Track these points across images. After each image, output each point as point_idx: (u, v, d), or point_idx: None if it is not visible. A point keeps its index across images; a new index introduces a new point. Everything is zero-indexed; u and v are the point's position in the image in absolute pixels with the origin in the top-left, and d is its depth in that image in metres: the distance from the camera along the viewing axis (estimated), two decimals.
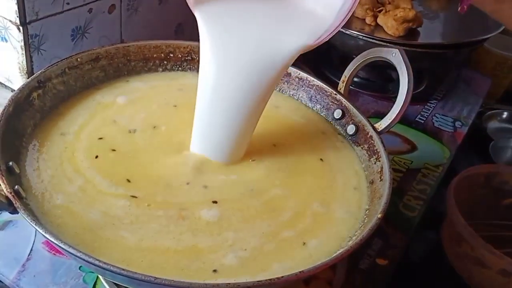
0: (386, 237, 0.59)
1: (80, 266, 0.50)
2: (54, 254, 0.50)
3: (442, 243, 0.62)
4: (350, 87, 0.84)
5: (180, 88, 0.58)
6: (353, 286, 0.53)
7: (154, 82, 0.59)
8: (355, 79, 0.87)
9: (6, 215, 0.53)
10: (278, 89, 0.60)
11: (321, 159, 0.52)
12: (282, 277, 0.36)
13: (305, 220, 0.45)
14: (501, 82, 1.00)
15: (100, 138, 0.50)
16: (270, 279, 0.35)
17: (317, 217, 0.46)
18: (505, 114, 0.93)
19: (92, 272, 0.49)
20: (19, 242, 0.51)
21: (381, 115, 0.53)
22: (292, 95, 0.60)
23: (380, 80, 0.87)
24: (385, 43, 0.75)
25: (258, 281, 0.35)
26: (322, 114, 0.58)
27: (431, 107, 0.85)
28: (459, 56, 0.82)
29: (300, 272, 0.36)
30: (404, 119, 0.80)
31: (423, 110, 0.84)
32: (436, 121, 0.82)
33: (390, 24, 0.79)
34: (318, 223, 0.45)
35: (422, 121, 0.81)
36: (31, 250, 0.50)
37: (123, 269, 0.34)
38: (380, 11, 0.82)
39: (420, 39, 0.80)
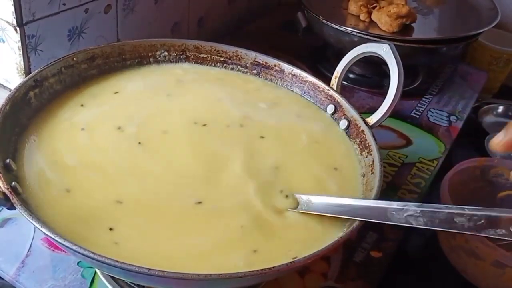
0: (380, 230, 0.59)
1: (79, 262, 0.51)
2: (53, 250, 0.51)
3: (437, 236, 0.63)
4: (346, 83, 0.86)
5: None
6: (347, 278, 0.54)
7: None
8: (351, 75, 0.88)
9: (5, 213, 0.54)
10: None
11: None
12: (274, 267, 0.36)
13: None
14: (497, 76, 1.00)
15: None
16: (261, 270, 0.36)
17: None
18: (500, 108, 0.94)
19: (90, 267, 0.50)
20: (19, 239, 0.52)
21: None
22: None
23: (375, 76, 0.87)
24: (379, 39, 0.75)
25: (249, 271, 0.36)
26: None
27: (426, 102, 0.86)
28: (453, 51, 0.83)
29: (291, 262, 0.37)
30: (399, 114, 0.81)
31: (418, 105, 0.85)
32: (431, 115, 0.82)
33: (384, 20, 0.79)
34: None
35: (417, 116, 0.82)
36: (30, 246, 0.51)
37: (117, 261, 0.34)
38: (374, 8, 0.83)
39: (414, 34, 0.81)
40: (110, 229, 0.41)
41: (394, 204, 0.40)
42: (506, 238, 0.34)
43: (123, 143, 0.49)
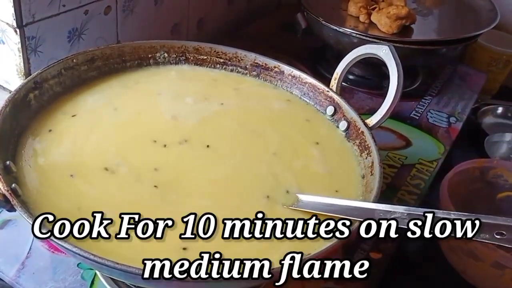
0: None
1: (79, 263, 0.51)
2: (53, 252, 0.51)
3: None
4: (346, 84, 0.86)
5: None
6: (347, 279, 0.54)
7: None
8: (351, 77, 0.88)
9: (5, 214, 0.54)
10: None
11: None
12: (273, 268, 0.37)
13: None
14: (496, 77, 1.01)
15: None
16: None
17: None
18: (500, 110, 0.94)
19: (90, 269, 0.50)
20: (19, 241, 0.52)
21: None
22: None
23: (375, 77, 0.87)
24: (378, 41, 0.76)
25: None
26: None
27: (425, 103, 0.86)
28: (453, 52, 0.83)
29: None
30: (399, 115, 0.81)
31: (418, 106, 0.85)
32: (431, 117, 0.83)
33: (383, 21, 0.79)
34: None
35: (417, 117, 0.82)
36: (31, 248, 0.52)
37: (117, 263, 0.35)
38: (373, 9, 0.83)
39: (413, 36, 0.81)
40: (184, 248, 0.40)
41: (383, 207, 0.41)
42: (489, 242, 0.35)
43: (140, 190, 0.45)
